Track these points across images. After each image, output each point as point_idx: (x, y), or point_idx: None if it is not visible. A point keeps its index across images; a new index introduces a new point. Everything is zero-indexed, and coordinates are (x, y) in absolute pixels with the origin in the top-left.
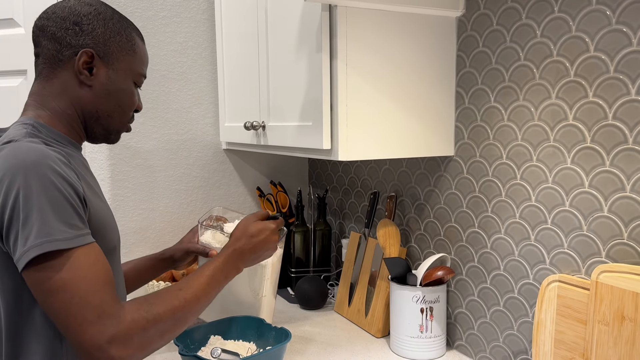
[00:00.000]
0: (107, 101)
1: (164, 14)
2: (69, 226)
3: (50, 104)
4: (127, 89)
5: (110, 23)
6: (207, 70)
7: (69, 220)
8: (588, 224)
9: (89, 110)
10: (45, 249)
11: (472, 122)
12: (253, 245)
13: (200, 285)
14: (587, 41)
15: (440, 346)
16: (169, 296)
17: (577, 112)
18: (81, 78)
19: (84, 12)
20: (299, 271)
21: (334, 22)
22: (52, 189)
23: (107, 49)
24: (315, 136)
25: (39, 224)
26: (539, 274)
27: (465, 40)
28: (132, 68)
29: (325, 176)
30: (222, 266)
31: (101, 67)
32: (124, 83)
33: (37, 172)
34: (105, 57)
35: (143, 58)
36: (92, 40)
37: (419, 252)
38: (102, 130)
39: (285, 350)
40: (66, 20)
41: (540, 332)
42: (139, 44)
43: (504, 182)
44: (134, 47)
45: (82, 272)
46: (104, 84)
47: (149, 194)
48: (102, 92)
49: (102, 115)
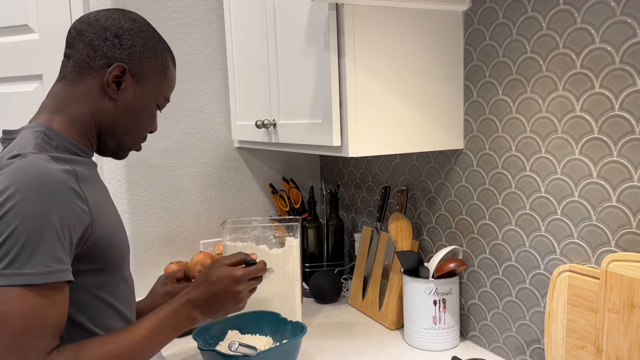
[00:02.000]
0: (127, 118)
1: (174, 15)
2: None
3: (69, 108)
4: (150, 110)
5: (150, 43)
6: (217, 70)
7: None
8: (597, 214)
9: (107, 124)
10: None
11: (481, 115)
12: (210, 294)
13: (138, 338)
14: (592, 33)
15: (454, 337)
16: (100, 348)
17: (584, 103)
18: (107, 90)
19: (127, 27)
20: (313, 266)
21: (341, 21)
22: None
23: (141, 67)
24: (325, 133)
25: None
26: (549, 264)
27: (472, 34)
28: (160, 91)
29: (336, 171)
30: (169, 317)
31: (130, 84)
32: (148, 104)
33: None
34: (137, 75)
35: (172, 83)
36: (129, 56)
37: (430, 245)
38: (114, 146)
39: (301, 344)
40: (107, 31)
41: (552, 321)
42: (171, 69)
43: (514, 173)
44: (166, 72)
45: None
46: (129, 100)
47: (164, 193)
48: (124, 109)
49: (118, 131)
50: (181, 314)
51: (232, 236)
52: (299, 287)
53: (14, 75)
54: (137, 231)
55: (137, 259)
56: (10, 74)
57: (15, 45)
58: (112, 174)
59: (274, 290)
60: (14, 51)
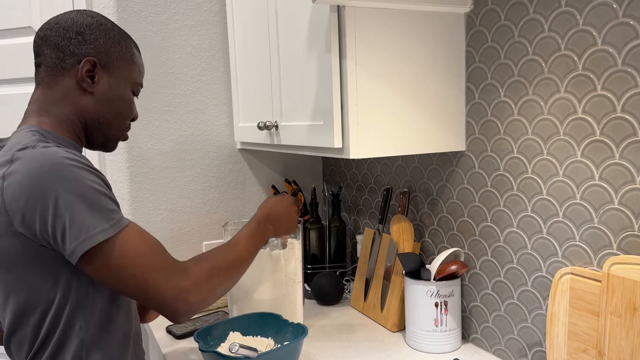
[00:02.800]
0: (108, 109)
1: (177, 17)
2: (104, 218)
3: (53, 110)
4: (127, 97)
5: (111, 34)
6: (220, 72)
7: (103, 212)
8: (599, 217)
9: (90, 117)
10: (86, 246)
11: (483, 117)
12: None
13: (244, 243)
14: (594, 35)
15: (456, 339)
16: (220, 252)
17: (586, 105)
18: (84, 85)
19: (86, 23)
20: (315, 267)
21: (342, 23)
22: (80, 184)
23: (108, 58)
24: (327, 135)
25: (77, 222)
26: (551, 267)
27: (474, 35)
28: (131, 77)
29: (338, 173)
30: (257, 225)
31: (103, 75)
32: (124, 91)
33: (61, 171)
34: (107, 66)
35: (141, 68)
36: (95, 49)
37: (432, 246)
38: (101, 138)
39: (302, 346)
40: (69, 30)
41: (554, 324)
42: (137, 55)
43: (515, 176)
44: (132, 58)
45: (135, 249)
46: (105, 91)
47: (167, 195)
48: (103, 100)
49: (102, 123)
50: (261, 226)
51: None
52: (301, 289)
53: (17, 77)
54: None
55: None
56: (13, 76)
57: (19, 47)
58: (115, 175)
59: (275, 291)
60: (17, 53)
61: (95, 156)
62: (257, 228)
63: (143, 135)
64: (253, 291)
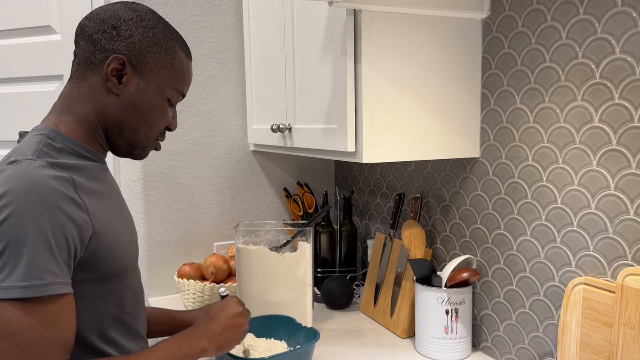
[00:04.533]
0: (133, 113)
1: (193, 19)
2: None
3: (75, 108)
4: (158, 104)
5: (151, 32)
6: (235, 74)
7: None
8: (614, 227)
9: (112, 121)
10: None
11: (498, 124)
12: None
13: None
14: (612, 43)
15: (466, 347)
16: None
17: (603, 114)
18: (108, 85)
19: (125, 17)
20: (325, 271)
21: (358, 27)
22: (37, 227)
23: (142, 58)
24: (340, 139)
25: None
26: (564, 277)
27: (490, 41)
28: (168, 83)
29: (351, 177)
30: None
31: (132, 76)
32: (155, 97)
33: (26, 207)
34: (139, 67)
35: (183, 75)
36: (127, 47)
37: (444, 253)
38: (125, 144)
39: (314, 350)
40: (105, 23)
41: (566, 334)
42: (181, 59)
43: (530, 184)
44: (173, 61)
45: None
46: (133, 94)
47: (180, 195)
48: (129, 104)
49: (125, 128)
50: (191, 340)
51: (245, 239)
52: (310, 292)
53: (35, 75)
54: (151, 232)
55: (150, 259)
56: (32, 74)
57: (38, 45)
58: (129, 175)
59: (285, 294)
60: (36, 51)
61: (109, 157)
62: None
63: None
64: (263, 293)
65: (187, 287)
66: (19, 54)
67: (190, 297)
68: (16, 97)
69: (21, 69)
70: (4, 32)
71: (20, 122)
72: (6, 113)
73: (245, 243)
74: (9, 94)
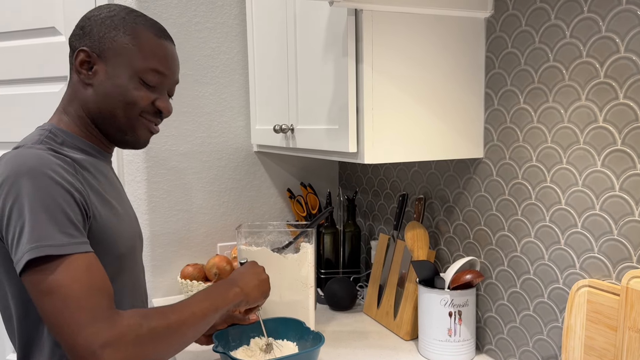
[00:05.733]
0: (108, 99)
1: (197, 20)
2: (62, 234)
3: (68, 108)
4: (128, 85)
5: (108, 20)
6: (238, 75)
7: (62, 228)
8: (619, 228)
9: (94, 112)
10: (37, 253)
11: (502, 124)
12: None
13: (197, 302)
14: (617, 42)
15: (469, 350)
16: (165, 310)
17: (608, 114)
18: (81, 78)
19: (88, 16)
20: (329, 272)
21: (359, 26)
22: (47, 196)
23: (102, 45)
24: (342, 139)
25: (33, 229)
26: (568, 279)
27: (494, 41)
28: (133, 63)
29: (354, 178)
30: (217, 285)
31: (100, 64)
32: (123, 79)
33: (33, 178)
34: (102, 54)
35: (150, 52)
36: (90, 39)
37: (448, 255)
38: (114, 132)
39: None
40: (77, 27)
41: (570, 337)
42: (146, 37)
43: (534, 184)
44: (134, 41)
45: (76, 277)
46: (103, 81)
47: (184, 196)
48: (102, 91)
49: (105, 115)
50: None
51: (247, 240)
52: (313, 294)
53: (40, 77)
54: (155, 232)
55: (154, 260)
56: (37, 75)
57: (43, 47)
58: (133, 176)
59: (287, 296)
60: (41, 53)
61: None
62: (217, 287)
63: (161, 136)
64: None
65: (190, 288)
66: (23, 56)
67: None
68: (21, 99)
69: (26, 71)
70: (9, 33)
71: (25, 123)
72: (11, 114)
73: (248, 244)
74: (13, 96)
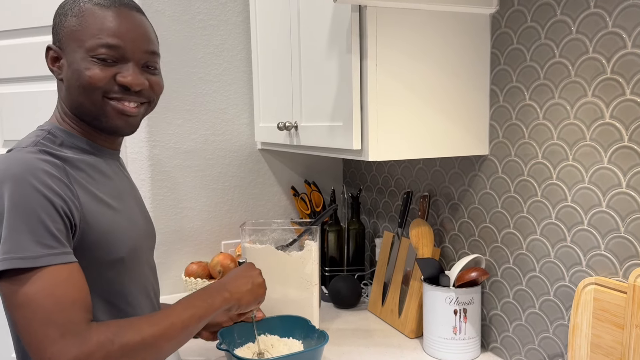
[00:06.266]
0: (72, 89)
1: (200, 17)
2: (38, 245)
3: (59, 107)
4: (80, 67)
5: (60, 10)
6: (242, 72)
7: (40, 239)
8: (626, 226)
9: (71, 106)
10: (7, 266)
11: (507, 121)
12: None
13: (178, 311)
14: (624, 37)
15: (475, 348)
16: (142, 322)
17: (614, 110)
18: (55, 75)
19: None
20: (333, 270)
21: (363, 23)
22: (27, 205)
23: (58, 36)
24: (346, 136)
25: (7, 239)
26: (575, 276)
27: (499, 37)
28: (81, 42)
29: (359, 175)
30: (205, 290)
31: (61, 55)
32: (80, 62)
33: (15, 186)
34: (61, 45)
35: (94, 26)
36: (53, 35)
37: (453, 252)
38: (91, 120)
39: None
40: None
41: (576, 335)
42: (89, 12)
43: (540, 181)
44: (80, 20)
45: (49, 290)
46: (66, 72)
47: (187, 193)
48: (68, 82)
49: (76, 106)
50: (212, 289)
51: (251, 238)
52: (317, 292)
53: (42, 75)
54: (159, 230)
55: (158, 258)
56: (38, 73)
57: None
58: (136, 174)
59: (292, 294)
60: (39, 51)
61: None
62: (205, 292)
63: (165, 134)
64: (269, 292)
65: (195, 285)
66: (26, 54)
67: None
68: (23, 97)
69: (30, 69)
70: (13, 31)
71: (28, 121)
72: (15, 112)
73: (252, 242)
74: (17, 94)
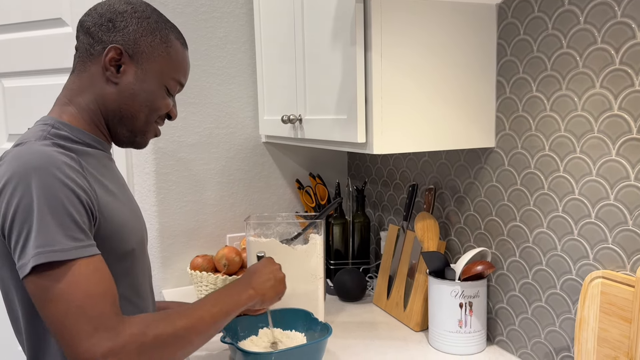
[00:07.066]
0: (131, 102)
1: (203, 9)
2: (68, 238)
3: (77, 99)
4: (155, 92)
5: (145, 22)
6: (246, 65)
7: (68, 232)
8: (634, 219)
9: (112, 109)
10: (43, 259)
11: (514, 113)
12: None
13: (207, 306)
14: (633, 27)
15: (480, 341)
16: (173, 315)
17: (623, 101)
18: (107, 75)
19: (120, 10)
20: (338, 263)
21: (368, 14)
22: (54, 197)
23: (137, 47)
24: (350, 129)
25: (39, 233)
26: (582, 270)
27: (505, 27)
28: (164, 71)
29: (364, 168)
30: (231, 287)
31: (130, 65)
32: (152, 85)
33: (40, 178)
34: (135, 56)
35: (179, 63)
36: (123, 37)
37: (458, 245)
38: (126, 132)
39: (325, 346)
40: (102, 17)
41: (583, 329)
42: (177, 48)
43: (547, 174)
44: (168, 50)
45: (80, 283)
46: (131, 83)
47: (192, 187)
48: (127, 92)
49: (125, 116)
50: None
51: (256, 231)
52: (322, 285)
53: (47, 68)
54: (164, 224)
55: (164, 251)
56: (43, 67)
57: (49, 38)
58: (141, 167)
59: (297, 287)
60: (48, 44)
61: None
62: (231, 289)
63: (169, 128)
64: None
65: (200, 279)
66: (30, 47)
67: (203, 289)
68: (27, 90)
69: (32, 62)
70: (16, 25)
71: (31, 115)
72: (17, 106)
73: (257, 235)
74: (20, 87)
